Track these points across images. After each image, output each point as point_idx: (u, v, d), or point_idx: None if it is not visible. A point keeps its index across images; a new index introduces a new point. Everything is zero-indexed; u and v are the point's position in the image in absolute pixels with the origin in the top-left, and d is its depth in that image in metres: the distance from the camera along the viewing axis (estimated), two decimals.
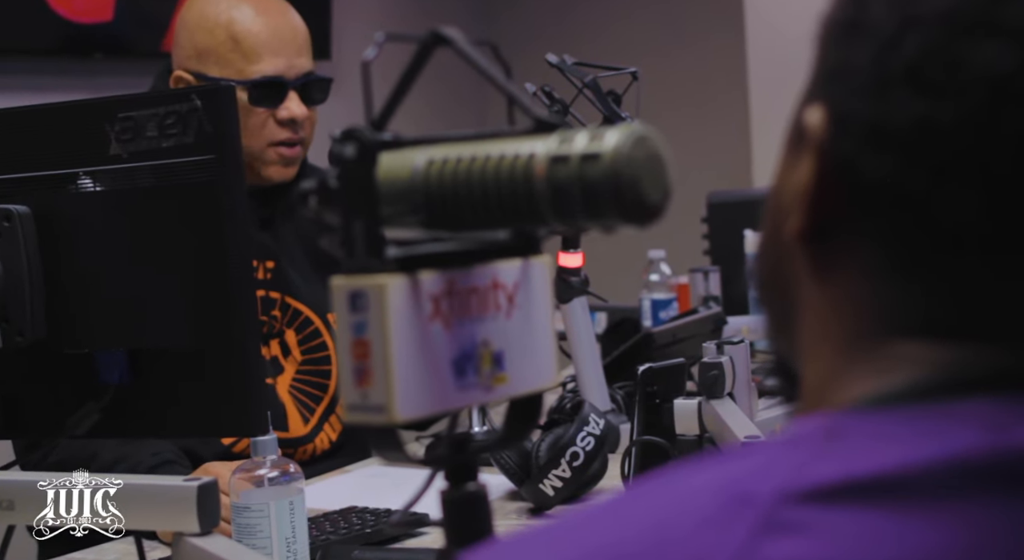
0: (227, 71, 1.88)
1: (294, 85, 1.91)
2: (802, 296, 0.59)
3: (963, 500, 0.50)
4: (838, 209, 0.56)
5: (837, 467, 0.51)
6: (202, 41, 1.89)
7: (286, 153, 1.92)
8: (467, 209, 0.68)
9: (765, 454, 0.54)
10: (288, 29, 1.92)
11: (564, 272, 1.93)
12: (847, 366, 0.57)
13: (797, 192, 0.57)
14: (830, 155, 0.56)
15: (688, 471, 0.55)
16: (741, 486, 0.51)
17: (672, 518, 0.51)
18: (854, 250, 0.56)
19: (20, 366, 1.20)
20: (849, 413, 0.54)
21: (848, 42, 0.56)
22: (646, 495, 0.55)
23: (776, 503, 0.49)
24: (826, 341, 0.58)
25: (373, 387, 0.68)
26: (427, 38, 0.71)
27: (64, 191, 1.17)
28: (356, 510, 1.57)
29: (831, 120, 0.56)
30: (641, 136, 0.64)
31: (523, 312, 0.74)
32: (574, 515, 0.56)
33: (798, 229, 0.57)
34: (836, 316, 0.57)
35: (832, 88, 0.57)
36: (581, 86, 1.84)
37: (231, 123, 1.13)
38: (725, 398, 1.52)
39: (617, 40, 4.26)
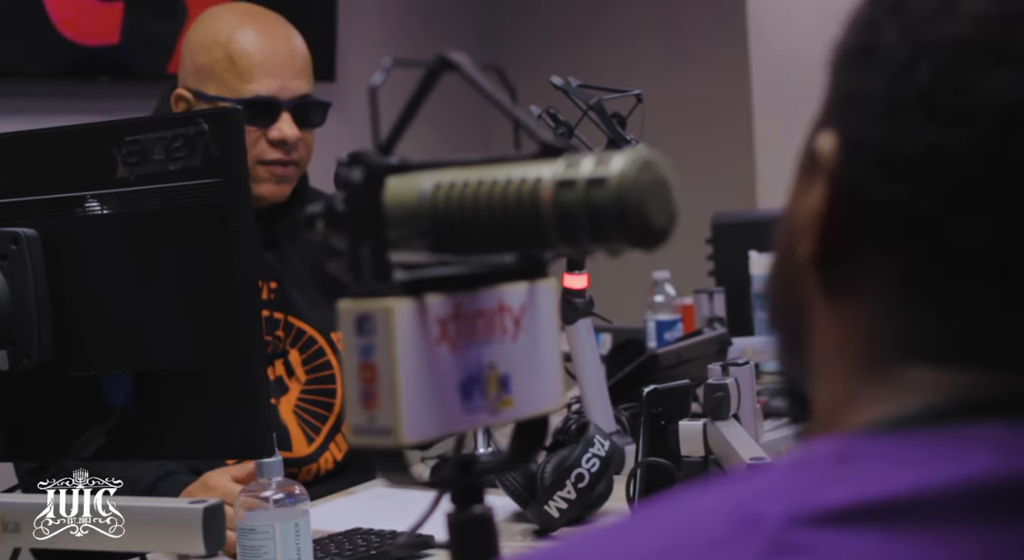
0: (222, 89, 1.89)
1: (288, 106, 1.92)
2: (814, 319, 0.60)
3: (976, 524, 0.50)
4: (850, 234, 0.56)
5: (848, 490, 0.51)
6: (201, 60, 1.92)
7: (278, 171, 1.93)
8: (474, 233, 0.68)
9: (775, 476, 0.54)
10: (286, 51, 1.93)
11: (569, 293, 1.93)
12: (859, 389, 0.57)
13: (809, 217, 0.58)
14: (841, 181, 0.56)
15: (697, 492, 0.55)
16: (750, 508, 0.51)
17: (681, 540, 0.51)
18: (866, 275, 0.56)
19: (26, 389, 1.20)
20: (861, 436, 0.54)
21: (860, 68, 0.57)
22: (655, 516, 0.55)
23: (785, 525, 0.49)
24: (838, 364, 0.58)
25: (380, 410, 0.68)
26: (434, 63, 0.72)
27: (71, 214, 1.18)
28: (361, 532, 1.57)
29: (842, 146, 0.57)
30: (647, 160, 0.64)
31: (529, 335, 0.74)
32: (583, 536, 0.56)
33: (810, 254, 0.58)
34: (848, 339, 0.58)
35: (844, 114, 0.58)
36: (586, 108, 1.85)
37: (238, 147, 1.14)
38: (730, 420, 1.52)
39: (621, 61, 4.27)
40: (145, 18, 3.28)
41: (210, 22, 1.95)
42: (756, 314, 2.57)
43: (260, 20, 1.95)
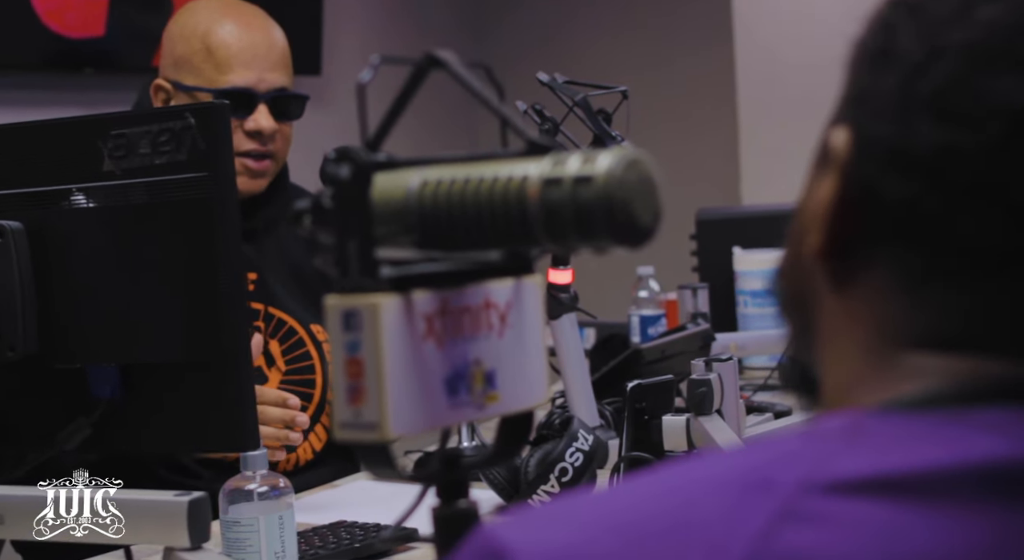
0: (199, 80, 1.90)
1: (264, 98, 1.92)
2: (822, 310, 0.62)
3: (985, 504, 0.52)
4: (858, 228, 0.58)
5: (862, 462, 0.53)
6: (180, 50, 1.92)
7: (252, 166, 1.93)
8: (461, 230, 0.69)
9: (789, 445, 0.55)
10: (264, 44, 1.93)
11: (554, 289, 1.94)
12: (865, 377, 0.59)
13: (818, 211, 0.60)
14: (853, 176, 0.58)
15: (716, 458, 0.57)
16: (764, 474, 0.53)
17: (694, 501, 0.53)
18: (873, 267, 0.58)
19: (11, 381, 1.20)
20: (869, 414, 0.56)
21: (876, 68, 0.59)
22: (672, 477, 0.56)
23: (798, 492, 0.51)
24: (846, 352, 0.60)
25: (366, 405, 0.68)
26: (421, 61, 0.72)
27: (57, 207, 1.18)
28: (346, 525, 1.57)
29: (855, 142, 0.59)
30: (633, 159, 0.64)
31: (515, 331, 0.75)
32: (605, 490, 0.58)
33: (819, 245, 0.60)
34: (855, 329, 0.60)
35: (858, 111, 0.59)
36: (572, 105, 1.85)
37: (224, 141, 1.14)
38: (713, 415, 1.53)
39: (606, 58, 4.27)
40: (130, 10, 3.27)
41: (190, 14, 1.96)
42: (739, 310, 2.58)
43: (239, 12, 1.96)
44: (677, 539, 0.52)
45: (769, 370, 2.38)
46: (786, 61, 3.68)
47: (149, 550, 1.35)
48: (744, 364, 2.52)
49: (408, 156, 0.73)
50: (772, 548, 0.50)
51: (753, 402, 2.11)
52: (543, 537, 0.55)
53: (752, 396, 2.22)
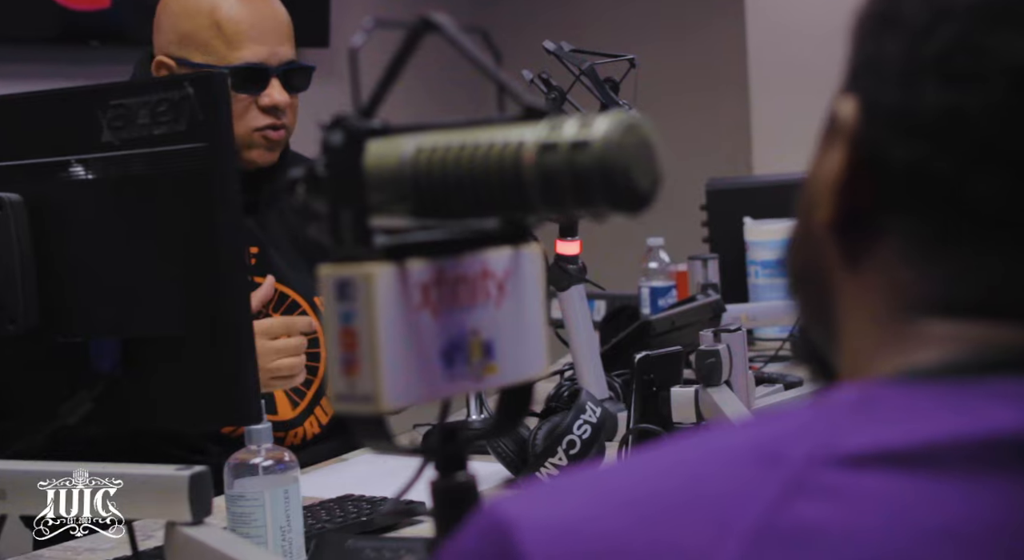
0: (209, 57, 1.88)
1: (276, 72, 1.91)
2: (834, 283, 0.61)
3: (999, 475, 0.51)
4: (868, 197, 0.57)
5: (872, 435, 0.52)
6: (185, 27, 1.89)
7: (271, 135, 1.93)
8: (456, 197, 0.67)
9: (798, 419, 0.55)
10: (271, 17, 1.92)
11: (561, 260, 1.92)
12: (879, 345, 0.58)
13: (827, 182, 0.59)
14: (861, 145, 0.57)
15: (724, 431, 0.57)
16: (773, 448, 0.52)
17: (704, 475, 0.53)
18: (884, 236, 0.57)
19: (12, 355, 1.19)
20: (882, 384, 0.55)
21: (881, 34, 0.58)
22: (683, 451, 0.56)
23: (808, 465, 0.51)
24: (859, 323, 0.59)
25: (360, 376, 0.67)
26: (416, 24, 0.71)
27: (56, 179, 1.17)
28: (352, 498, 1.56)
29: (862, 110, 0.58)
30: (631, 123, 0.63)
31: (514, 301, 0.73)
32: (612, 465, 0.58)
33: (829, 217, 0.59)
34: (868, 299, 0.59)
35: (864, 79, 0.59)
36: (578, 73, 1.83)
37: (223, 111, 1.13)
38: (722, 386, 1.51)
39: (617, 27, 4.24)
40: None
41: None
42: (750, 281, 2.57)
43: None
44: (686, 514, 0.51)
45: (780, 341, 2.36)
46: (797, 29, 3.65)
47: (156, 525, 1.34)
48: (755, 335, 2.50)
49: (404, 122, 0.72)
50: (781, 522, 0.49)
51: (764, 373, 2.10)
52: (550, 512, 0.54)
53: (763, 367, 2.21)
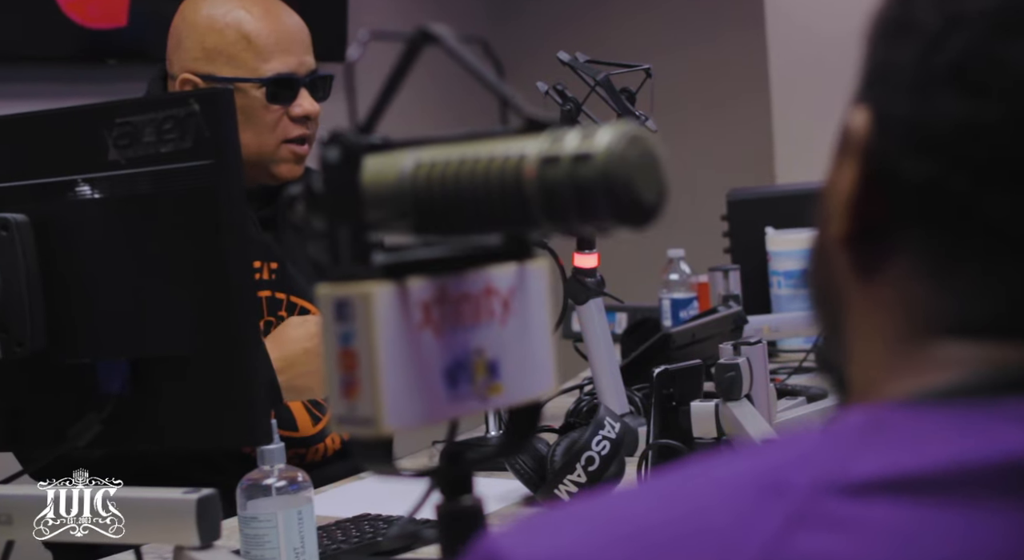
0: (239, 70, 1.87)
1: (304, 82, 1.91)
2: (848, 299, 0.59)
3: (1011, 500, 0.49)
4: (881, 212, 0.55)
5: (880, 461, 0.50)
6: (211, 42, 1.88)
7: (298, 150, 1.93)
8: (457, 213, 0.66)
9: (803, 445, 0.53)
10: (294, 27, 1.92)
11: (579, 273, 1.90)
12: (890, 365, 0.56)
13: (841, 197, 0.57)
14: (873, 158, 0.55)
15: (726, 459, 0.54)
16: (776, 476, 0.50)
17: (706, 506, 0.51)
18: (898, 252, 0.55)
19: (20, 377, 1.18)
20: (891, 407, 0.53)
21: (893, 42, 0.56)
22: (684, 481, 0.54)
23: (812, 495, 0.49)
24: (872, 341, 0.57)
25: (360, 399, 0.65)
26: (414, 36, 0.69)
27: (62, 198, 1.15)
28: (368, 518, 1.54)
29: (875, 122, 0.55)
30: (634, 135, 0.61)
31: (519, 318, 0.71)
32: (612, 496, 0.56)
33: (842, 234, 0.57)
34: (880, 317, 0.57)
35: (877, 90, 0.56)
36: (593, 84, 1.81)
37: (229, 127, 1.11)
38: (743, 400, 1.49)
39: (634, 38, 4.22)
40: (153, 0, 3.25)
41: (209, 3, 1.92)
42: (772, 291, 2.54)
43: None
44: (688, 547, 0.49)
45: (803, 353, 2.33)
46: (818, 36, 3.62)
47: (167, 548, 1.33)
48: (778, 347, 2.47)
49: (405, 137, 0.70)
50: (785, 554, 0.47)
51: (787, 385, 2.06)
52: (546, 546, 0.52)
53: (786, 379, 2.18)
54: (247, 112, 1.86)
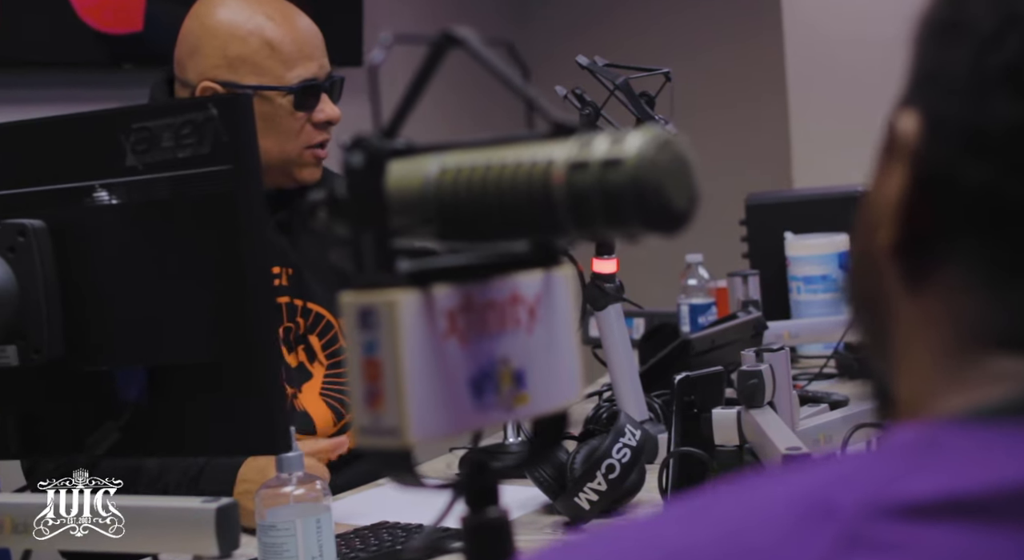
0: (264, 78, 1.86)
1: (324, 87, 1.92)
2: (895, 310, 0.56)
3: None
4: (932, 220, 0.53)
5: (933, 482, 0.47)
6: (235, 50, 1.86)
7: (320, 154, 1.94)
8: (483, 219, 0.64)
9: (851, 464, 0.50)
10: (312, 32, 1.92)
11: (598, 279, 1.89)
12: (942, 380, 0.54)
13: (888, 204, 0.54)
14: (924, 163, 0.53)
15: (769, 477, 0.52)
16: (822, 496, 0.48)
17: (748, 527, 0.48)
18: (950, 262, 0.53)
19: (37, 384, 1.17)
20: (942, 425, 0.51)
21: (945, 43, 0.54)
22: (724, 500, 0.52)
23: (862, 517, 0.46)
24: (921, 355, 0.55)
25: (385, 409, 0.64)
26: (439, 39, 0.68)
27: (80, 204, 1.14)
28: (387, 526, 1.53)
29: (925, 126, 0.53)
30: (665, 140, 0.60)
31: (545, 327, 0.70)
32: (648, 518, 0.54)
33: (890, 241, 0.55)
34: (930, 329, 0.54)
35: (927, 92, 0.54)
36: (612, 88, 1.80)
37: (248, 132, 1.10)
38: (765, 407, 1.47)
39: (652, 42, 4.21)
40: (168, 5, 3.24)
41: (225, 10, 1.90)
42: (792, 297, 2.52)
43: (275, 4, 1.93)
44: None
45: (824, 358, 2.31)
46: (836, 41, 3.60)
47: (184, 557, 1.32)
48: (798, 352, 2.46)
49: (429, 141, 0.69)
50: None
51: (808, 392, 2.05)
52: None
53: (807, 385, 2.16)
54: (272, 119, 1.85)
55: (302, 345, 1.94)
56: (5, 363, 1.13)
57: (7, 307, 1.12)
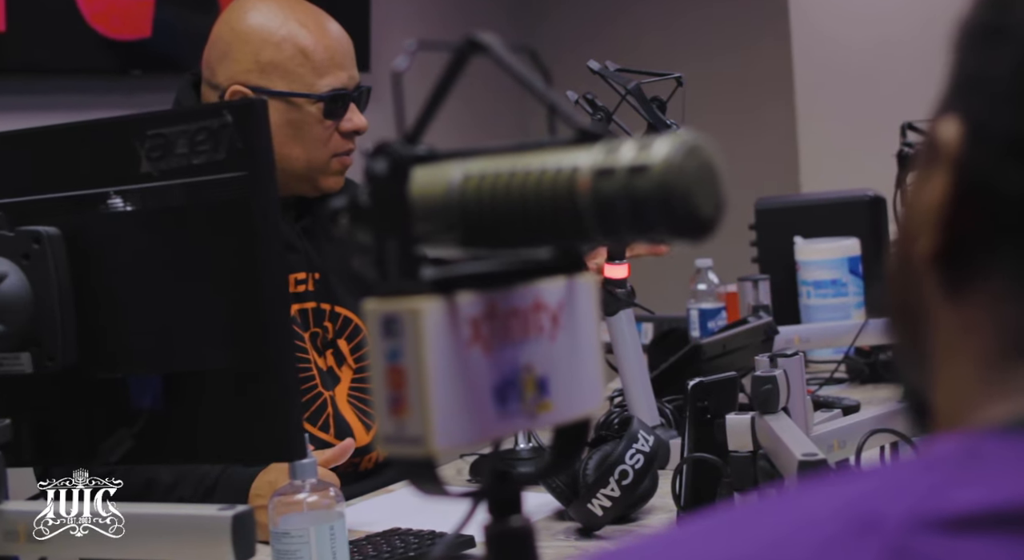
0: (295, 85, 1.86)
1: (353, 96, 1.92)
2: (934, 319, 0.56)
3: None
4: (974, 228, 0.52)
5: (978, 493, 0.46)
6: (267, 56, 1.86)
7: (346, 162, 1.95)
8: (507, 226, 0.64)
9: (894, 474, 0.50)
10: (344, 41, 1.92)
11: (609, 284, 1.88)
12: (983, 389, 0.53)
13: (929, 211, 0.54)
14: (966, 170, 0.52)
15: (809, 487, 0.51)
16: (866, 507, 0.47)
17: (793, 539, 0.47)
18: (992, 270, 0.53)
19: (51, 392, 1.17)
20: (986, 435, 0.50)
21: (988, 48, 0.53)
22: (768, 511, 0.51)
23: (907, 529, 0.45)
24: (961, 364, 0.54)
25: (409, 417, 0.64)
26: (462, 45, 0.67)
27: (94, 211, 1.14)
28: (399, 532, 1.53)
29: (967, 132, 0.53)
30: (693, 145, 0.59)
31: (568, 333, 0.69)
32: (687, 528, 0.53)
33: (931, 249, 0.54)
34: (972, 338, 0.54)
35: (969, 98, 0.54)
36: (624, 93, 1.80)
37: (263, 139, 1.10)
38: (779, 413, 1.46)
39: (660, 46, 4.21)
40: (177, 11, 3.25)
41: (258, 15, 1.88)
42: (802, 301, 2.51)
43: (307, 11, 1.92)
44: None
45: (835, 363, 2.31)
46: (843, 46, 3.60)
47: None
48: (808, 357, 2.45)
49: (450, 148, 0.68)
50: None
51: (819, 397, 2.04)
52: None
53: (818, 391, 2.16)
54: (300, 126, 1.86)
55: (331, 349, 1.94)
56: (19, 370, 1.13)
57: (22, 314, 1.12)
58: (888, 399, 2.06)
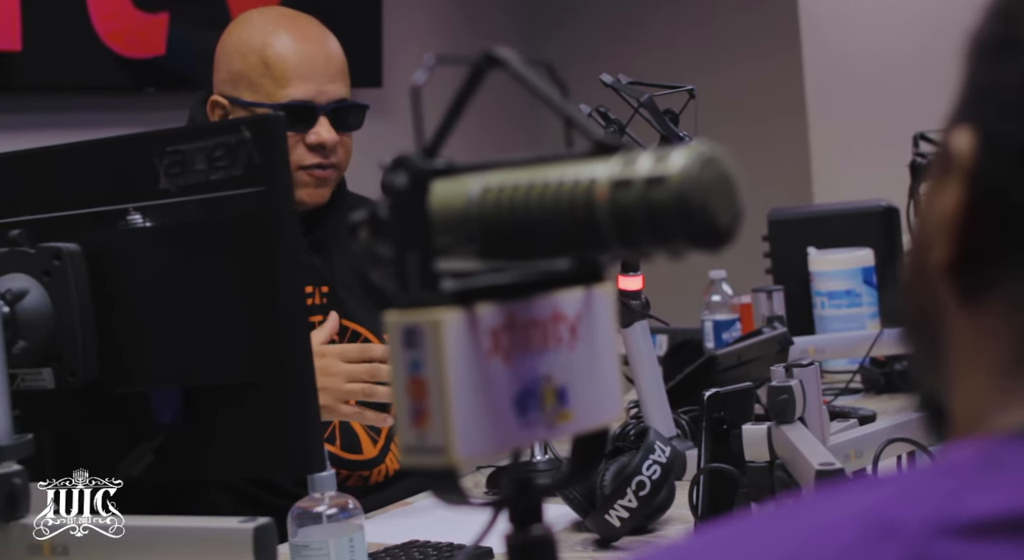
0: (258, 95, 1.88)
1: (324, 110, 1.90)
2: (950, 327, 0.56)
3: None
4: (987, 237, 0.53)
5: (995, 499, 0.47)
6: (236, 66, 1.90)
7: (318, 174, 1.92)
8: (526, 238, 0.65)
9: (913, 481, 0.50)
10: (322, 55, 1.91)
11: (624, 295, 1.89)
12: (999, 396, 0.53)
13: (943, 220, 0.54)
14: (979, 180, 0.53)
15: (828, 494, 0.52)
16: (884, 513, 0.47)
17: (809, 544, 0.48)
18: (1006, 279, 0.53)
19: (72, 407, 1.18)
20: (1003, 441, 0.50)
21: (1000, 60, 0.54)
22: (787, 518, 0.52)
23: (926, 535, 0.46)
24: (977, 371, 0.55)
25: (431, 427, 0.64)
26: (480, 60, 0.68)
27: (114, 227, 1.15)
28: (418, 544, 1.53)
29: (980, 143, 0.53)
30: (710, 156, 0.60)
31: (587, 344, 0.70)
32: (706, 536, 0.53)
33: (945, 259, 0.55)
34: (988, 345, 0.54)
35: (982, 109, 0.54)
36: (637, 106, 1.80)
37: (280, 154, 1.11)
38: (796, 423, 1.47)
39: (670, 59, 4.22)
40: (191, 29, 3.27)
41: (244, 27, 1.93)
42: (816, 312, 2.52)
43: (295, 23, 1.93)
44: None
45: (850, 373, 2.31)
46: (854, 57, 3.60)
47: None
48: (823, 367, 2.45)
49: (469, 161, 0.69)
50: None
51: (835, 407, 2.04)
52: None
53: (833, 401, 2.16)
54: None
55: None
56: (41, 385, 1.14)
57: (43, 330, 1.13)
58: (904, 409, 2.06)
